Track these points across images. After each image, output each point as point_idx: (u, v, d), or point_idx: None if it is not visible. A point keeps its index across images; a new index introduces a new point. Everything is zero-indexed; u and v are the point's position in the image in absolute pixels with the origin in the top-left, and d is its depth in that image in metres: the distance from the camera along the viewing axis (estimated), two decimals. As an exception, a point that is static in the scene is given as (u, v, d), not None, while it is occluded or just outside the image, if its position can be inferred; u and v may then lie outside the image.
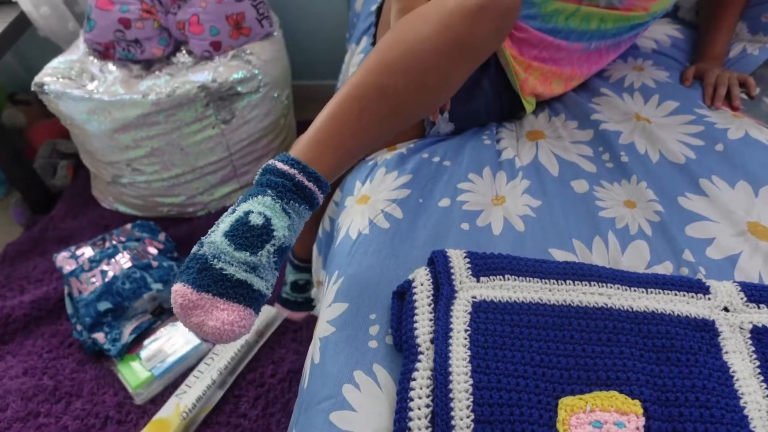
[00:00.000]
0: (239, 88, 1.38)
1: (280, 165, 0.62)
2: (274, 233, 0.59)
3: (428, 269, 0.69)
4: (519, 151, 0.89)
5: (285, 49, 1.58)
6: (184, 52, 1.55)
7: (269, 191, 0.60)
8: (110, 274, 1.28)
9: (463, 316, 0.63)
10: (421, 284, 0.67)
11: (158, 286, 1.28)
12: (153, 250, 1.37)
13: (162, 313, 1.30)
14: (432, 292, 0.66)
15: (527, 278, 0.67)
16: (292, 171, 0.62)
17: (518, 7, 0.72)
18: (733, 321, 0.63)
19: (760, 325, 0.62)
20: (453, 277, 0.66)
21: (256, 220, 0.59)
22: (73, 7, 1.65)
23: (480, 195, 0.81)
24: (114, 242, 1.37)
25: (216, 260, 0.56)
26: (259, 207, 0.59)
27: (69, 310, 1.32)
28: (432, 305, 0.65)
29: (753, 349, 0.61)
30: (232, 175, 1.51)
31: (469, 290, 0.65)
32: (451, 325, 0.62)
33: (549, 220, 0.77)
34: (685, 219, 0.77)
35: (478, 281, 0.66)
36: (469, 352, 0.60)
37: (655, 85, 0.99)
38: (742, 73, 0.99)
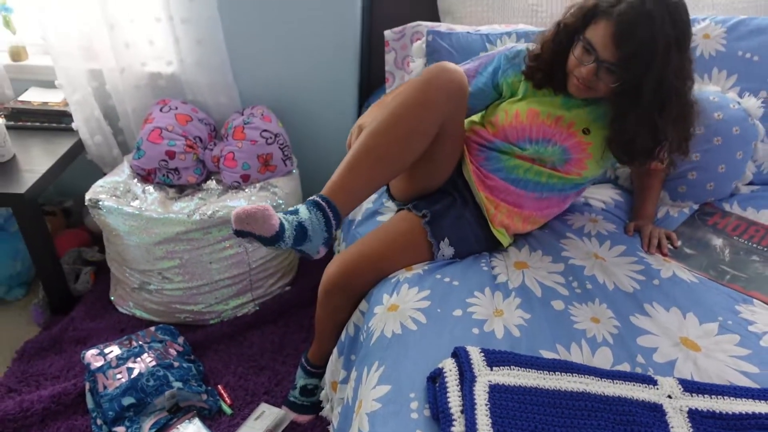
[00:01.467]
0: (266, 214, 1.63)
1: (314, 198, 1.07)
2: (300, 213, 1.05)
3: (454, 360, 0.91)
4: (510, 276, 1.16)
5: (300, 184, 1.88)
6: (213, 180, 1.82)
7: (306, 205, 1.07)
8: (136, 371, 1.41)
9: (483, 395, 0.85)
10: (450, 370, 0.89)
11: (178, 384, 1.41)
12: (173, 352, 1.51)
13: (178, 411, 1.41)
14: (458, 377, 0.88)
15: (527, 369, 0.90)
16: (319, 200, 1.06)
17: (459, 80, 1.13)
18: (675, 405, 0.87)
19: (694, 408, 0.86)
20: (473, 366, 0.89)
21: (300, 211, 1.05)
22: (117, 137, 1.93)
23: (484, 308, 1.06)
24: (140, 342, 1.51)
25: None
26: (301, 207, 1.06)
27: (90, 405, 1.41)
28: (459, 386, 0.87)
29: (690, 425, 0.84)
30: (247, 288, 1.71)
31: (486, 376, 0.88)
32: (475, 401, 0.84)
33: (537, 329, 1.02)
34: (636, 332, 1.03)
35: (491, 370, 0.89)
36: (490, 420, 0.81)
37: (606, 233, 1.31)
38: (668, 229, 1.33)
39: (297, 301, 1.76)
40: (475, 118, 1.37)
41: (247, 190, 1.72)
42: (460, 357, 0.91)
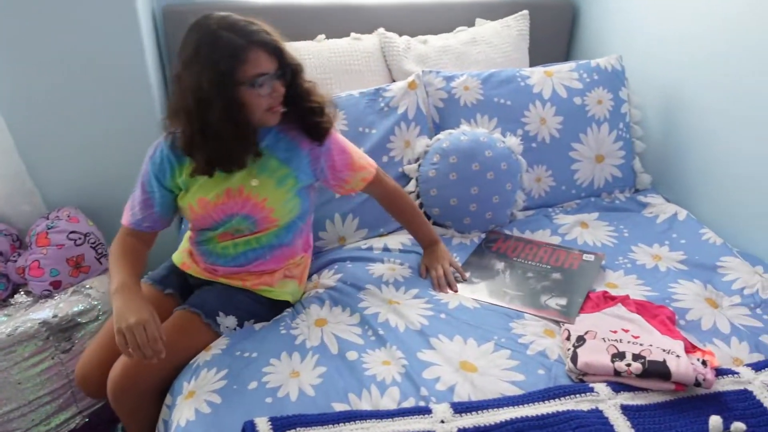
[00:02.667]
0: (80, 319, 1.56)
1: None
2: None
3: (243, 436, 0.93)
4: (309, 335, 1.22)
5: (122, 279, 1.82)
6: (22, 293, 1.71)
7: None
8: None
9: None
10: (237, 447, 0.91)
11: None
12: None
13: None
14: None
15: (313, 427, 0.95)
16: None
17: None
18: (446, 428, 0.96)
19: (462, 427, 0.96)
20: (260, 438, 0.92)
21: None
22: None
23: (279, 374, 1.10)
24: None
25: None
26: None
27: None
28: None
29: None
30: (70, 401, 1.60)
31: (274, 445, 0.91)
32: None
33: (331, 383, 1.08)
34: (422, 367, 1.13)
35: (280, 438, 0.92)
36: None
37: (402, 278, 1.42)
38: (457, 262, 1.48)
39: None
40: None
41: (57, 297, 1.64)
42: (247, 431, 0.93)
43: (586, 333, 1.16)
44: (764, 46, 1.48)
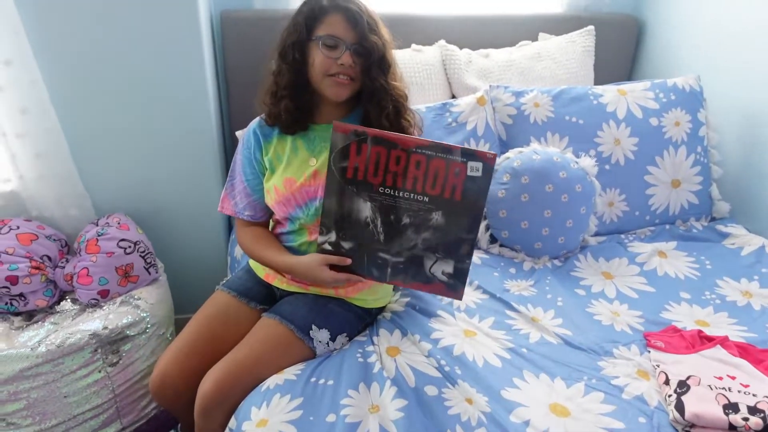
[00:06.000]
0: (128, 332, 1.50)
1: None
2: None
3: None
4: (384, 364, 1.13)
5: (169, 291, 1.76)
6: (68, 300, 1.65)
7: None
8: None
9: None
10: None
11: None
12: None
13: None
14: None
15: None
16: None
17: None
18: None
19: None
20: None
21: None
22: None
23: (358, 407, 1.02)
24: None
25: None
26: None
27: None
28: None
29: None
30: (114, 417, 1.53)
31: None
32: None
33: (413, 421, 0.99)
34: (509, 407, 1.03)
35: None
36: None
37: (476, 305, 1.33)
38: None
39: (175, 419, 1.60)
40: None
41: (105, 308, 1.57)
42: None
43: (688, 378, 1.06)
44: None
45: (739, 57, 1.73)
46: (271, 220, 1.35)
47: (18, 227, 1.64)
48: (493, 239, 1.59)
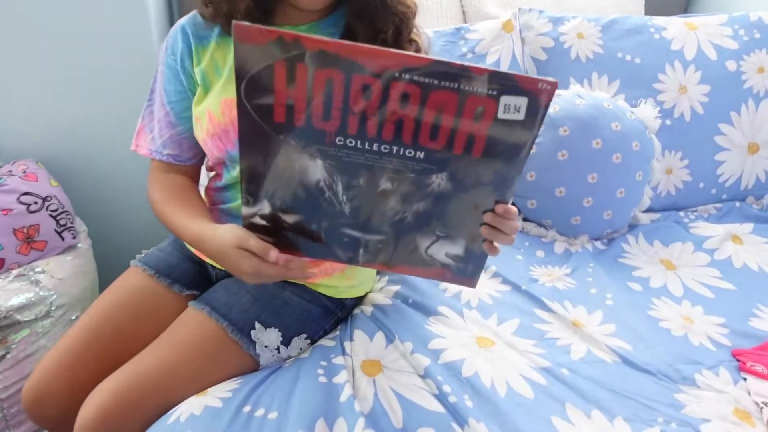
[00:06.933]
0: (19, 317, 1.11)
1: None
2: None
3: None
4: (356, 389, 0.75)
5: (94, 262, 1.37)
6: (-45, 271, 1.26)
7: None
8: None
9: None
10: None
11: None
12: None
13: None
14: None
15: None
16: None
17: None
18: None
19: None
20: None
21: None
22: None
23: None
24: None
25: None
26: None
27: None
28: None
29: None
30: (2, 429, 1.15)
31: None
32: None
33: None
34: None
35: None
36: None
37: (493, 300, 0.95)
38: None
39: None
40: None
41: (-5, 283, 1.18)
42: None
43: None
44: None
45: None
46: (206, 170, 0.95)
47: None
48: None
